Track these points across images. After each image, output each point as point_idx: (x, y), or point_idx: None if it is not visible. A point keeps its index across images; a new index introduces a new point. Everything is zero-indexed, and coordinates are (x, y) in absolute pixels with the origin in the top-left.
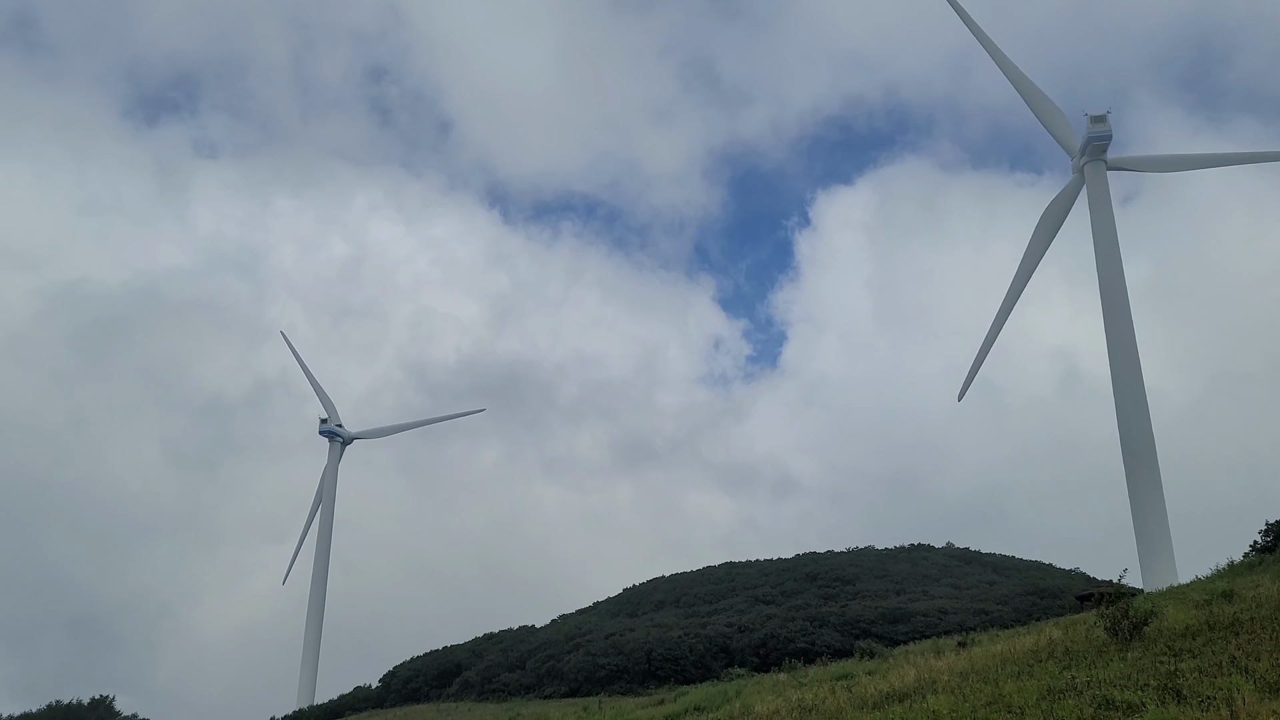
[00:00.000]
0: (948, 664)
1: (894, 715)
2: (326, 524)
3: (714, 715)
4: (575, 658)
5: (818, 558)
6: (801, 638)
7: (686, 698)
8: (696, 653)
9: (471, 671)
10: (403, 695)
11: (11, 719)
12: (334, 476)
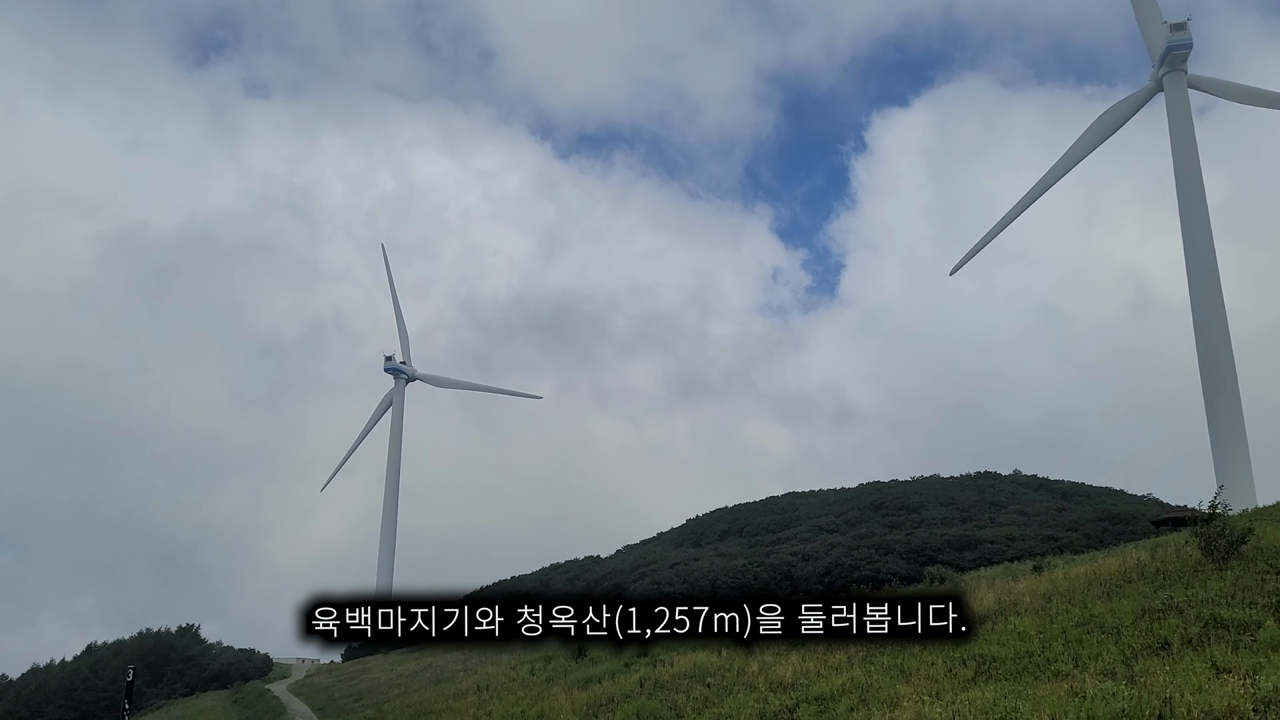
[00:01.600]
0: (1028, 586)
1: (978, 637)
2: (394, 458)
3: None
4: (641, 586)
5: (881, 486)
6: (867, 565)
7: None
8: (761, 581)
9: None
10: None
11: (106, 645)
12: (400, 412)
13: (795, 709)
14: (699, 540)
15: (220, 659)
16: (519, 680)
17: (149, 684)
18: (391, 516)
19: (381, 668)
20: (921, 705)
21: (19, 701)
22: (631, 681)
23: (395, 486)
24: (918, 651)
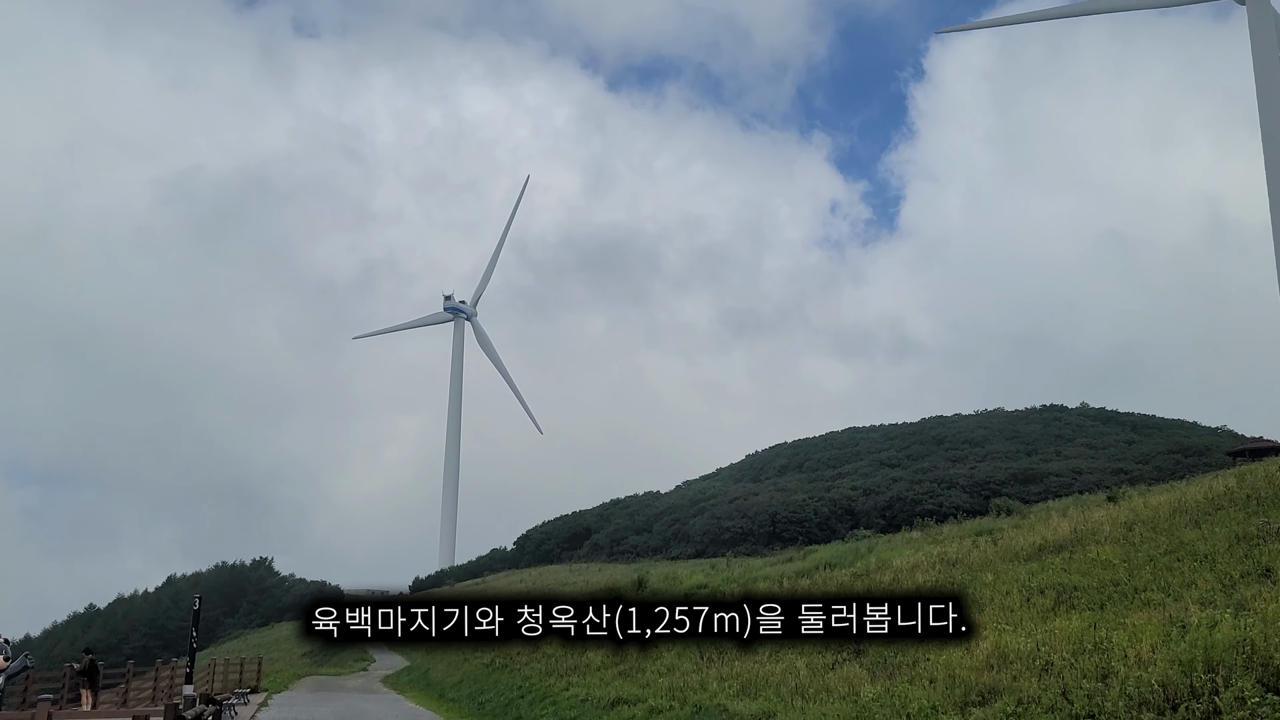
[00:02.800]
0: (1106, 515)
1: (1054, 566)
2: (455, 395)
3: (848, 570)
4: (700, 521)
5: (943, 421)
6: (929, 499)
7: (816, 555)
8: (821, 515)
9: (600, 534)
10: (536, 556)
11: (185, 577)
12: (460, 351)
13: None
14: (758, 476)
15: (293, 591)
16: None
17: (226, 614)
18: (454, 452)
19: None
20: (999, 635)
21: (107, 629)
22: None
23: (457, 423)
24: (990, 581)
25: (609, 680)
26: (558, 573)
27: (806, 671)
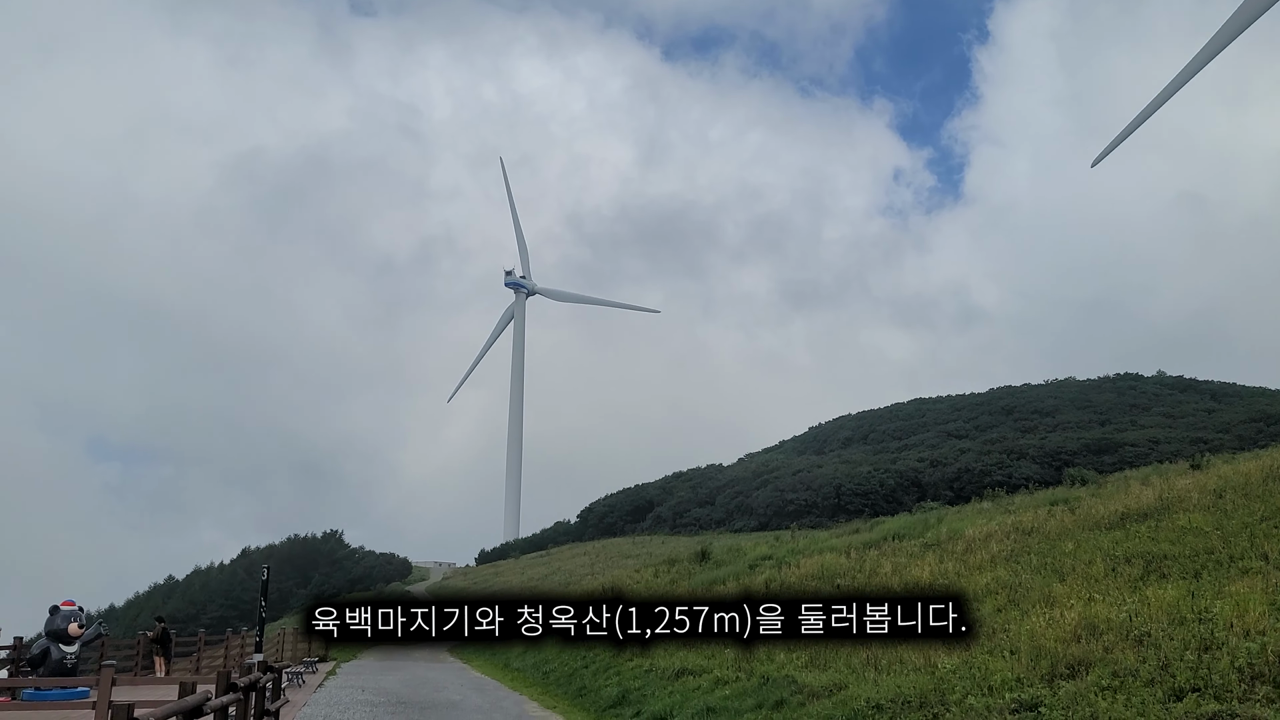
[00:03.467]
0: (1193, 482)
1: (1139, 535)
2: (517, 370)
3: (918, 541)
4: (764, 493)
5: (1013, 390)
6: (998, 471)
7: (883, 526)
8: (887, 487)
9: (663, 507)
10: (599, 529)
11: (259, 549)
12: (521, 326)
13: None
14: (822, 448)
15: (362, 563)
16: (643, 582)
17: (298, 585)
18: (517, 426)
19: (513, 571)
20: (1088, 605)
21: (185, 600)
22: (756, 583)
23: (519, 397)
24: (1070, 550)
25: (674, 650)
26: (621, 545)
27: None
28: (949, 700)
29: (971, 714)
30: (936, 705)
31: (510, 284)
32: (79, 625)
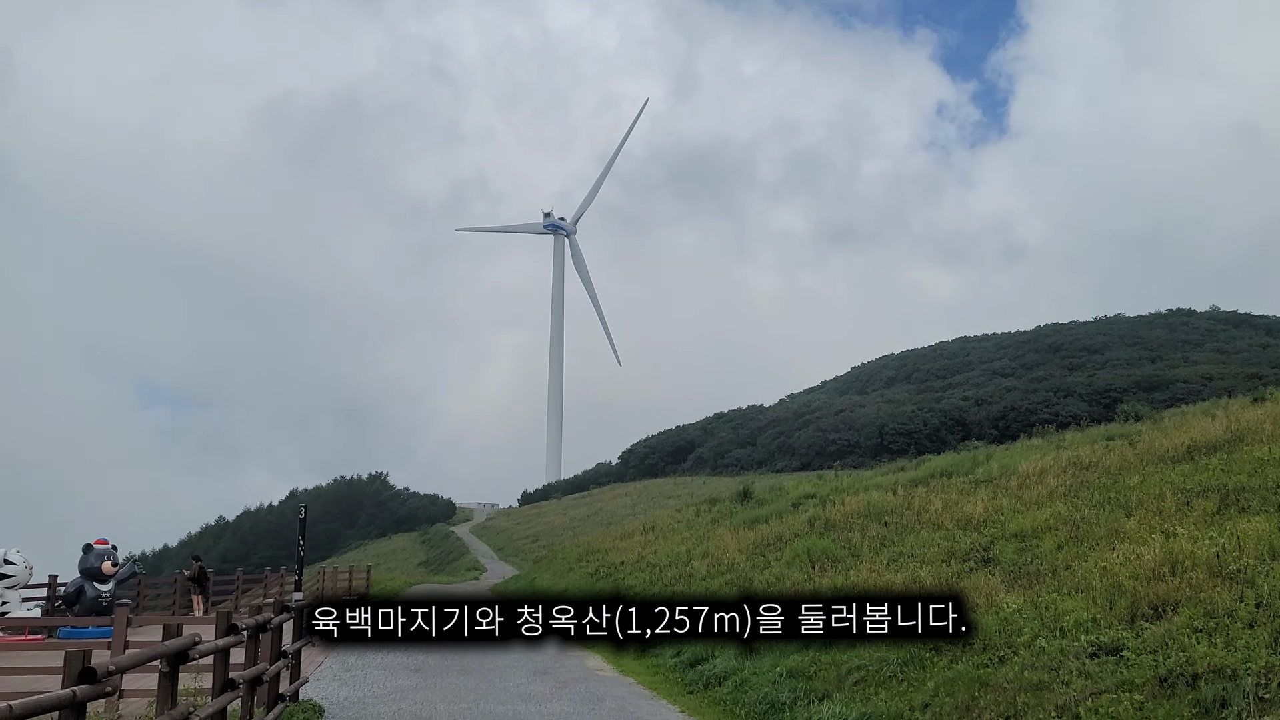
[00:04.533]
0: (1265, 412)
1: (1211, 468)
2: (557, 312)
3: (968, 478)
4: (805, 434)
5: (1059, 328)
6: (1045, 409)
7: (930, 464)
8: (931, 426)
9: (704, 448)
10: (640, 470)
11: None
12: (560, 267)
13: (990, 546)
14: (864, 388)
15: (408, 504)
16: (684, 522)
17: (345, 526)
18: (558, 368)
19: (555, 512)
20: (1168, 541)
21: (236, 540)
22: (800, 521)
23: (560, 339)
24: (1136, 484)
25: (715, 590)
26: (662, 485)
27: (933, 581)
28: (1016, 643)
29: (1043, 657)
30: (1003, 648)
31: (548, 226)
32: (112, 564)
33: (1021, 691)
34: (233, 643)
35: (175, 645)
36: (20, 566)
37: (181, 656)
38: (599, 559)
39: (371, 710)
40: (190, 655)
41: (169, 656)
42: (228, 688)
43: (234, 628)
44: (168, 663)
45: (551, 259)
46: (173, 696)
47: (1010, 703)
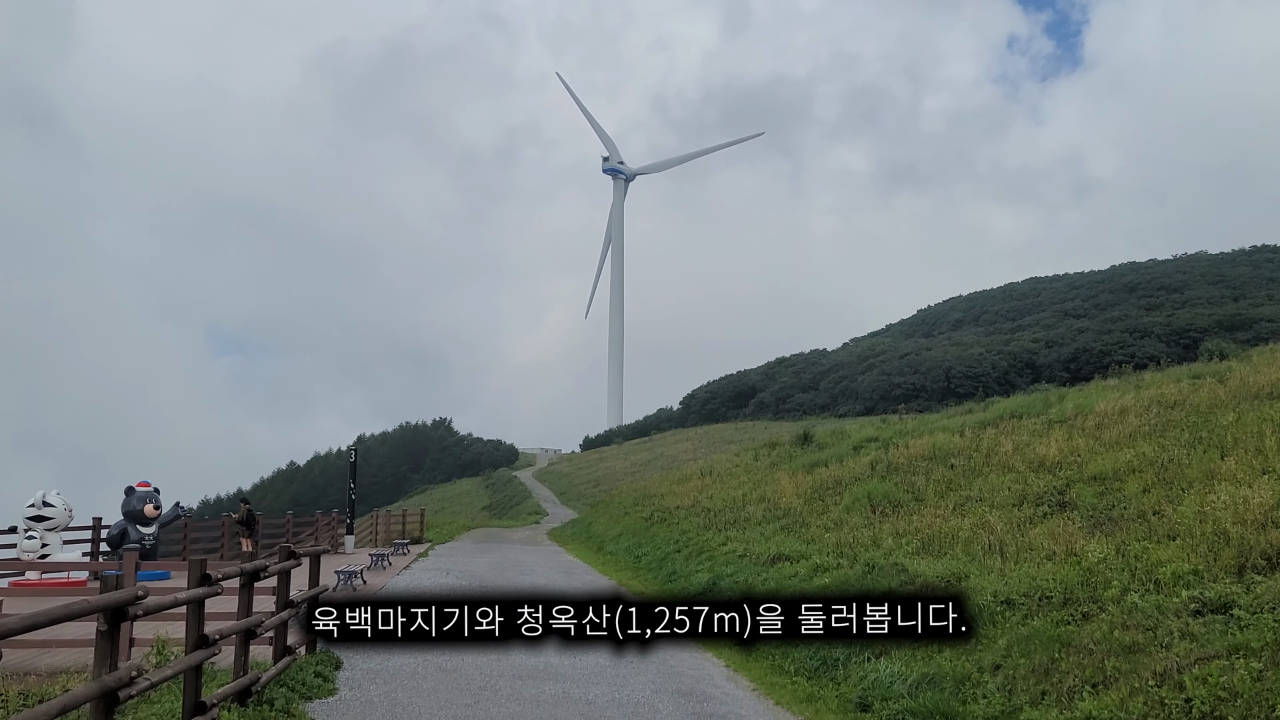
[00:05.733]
0: None
1: None
2: (618, 258)
3: (1040, 419)
4: (869, 378)
5: (1136, 267)
6: (1119, 350)
7: (999, 405)
8: (999, 369)
9: (765, 393)
10: (701, 416)
11: (373, 436)
12: (620, 212)
13: (1066, 489)
14: (930, 330)
15: (471, 449)
16: (742, 466)
17: (411, 470)
18: (618, 313)
19: (616, 457)
20: (1276, 482)
21: (307, 484)
22: (861, 465)
23: (620, 283)
24: (1230, 423)
25: (770, 535)
26: (723, 430)
27: (1003, 526)
28: (1102, 597)
29: (1136, 614)
30: (1086, 603)
31: (608, 170)
32: (154, 506)
33: (1111, 654)
34: (203, 594)
35: (110, 599)
36: (59, 509)
37: (120, 613)
38: (654, 503)
39: (394, 663)
40: (128, 612)
41: (106, 612)
42: (201, 644)
43: (206, 578)
44: (105, 619)
45: (610, 202)
46: (112, 658)
47: (1097, 667)
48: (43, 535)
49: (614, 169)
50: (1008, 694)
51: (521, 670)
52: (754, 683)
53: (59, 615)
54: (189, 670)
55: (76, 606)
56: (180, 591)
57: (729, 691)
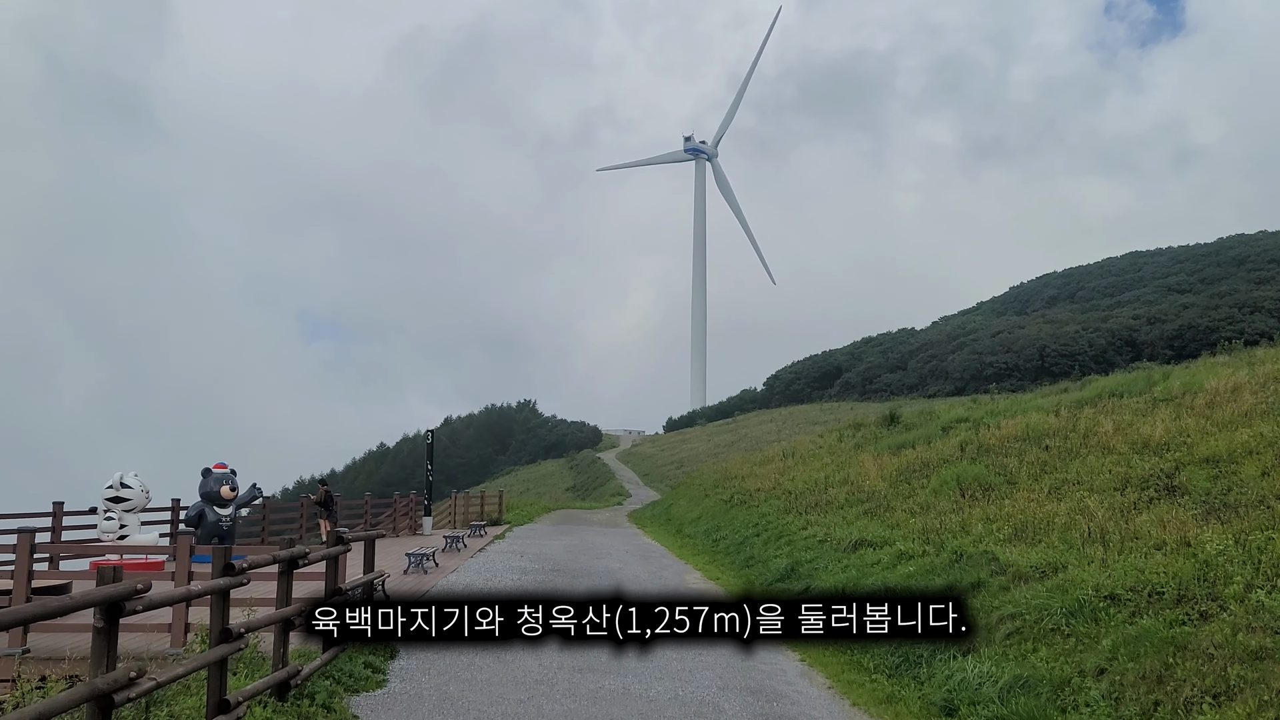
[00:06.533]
0: None
1: None
2: (700, 236)
3: (1143, 397)
4: (959, 357)
5: (1245, 239)
6: (1227, 326)
7: (1097, 384)
8: (1097, 347)
9: (851, 373)
10: (786, 397)
11: (460, 418)
12: (703, 191)
13: (1175, 473)
14: (1023, 308)
15: (556, 430)
16: (826, 447)
17: (497, 452)
18: (700, 293)
19: (699, 438)
20: None
21: (396, 465)
22: (949, 446)
23: (702, 263)
24: None
25: (852, 520)
26: (808, 411)
27: (1104, 512)
28: (1223, 594)
29: (1264, 615)
30: (1204, 600)
31: (689, 150)
32: (230, 488)
33: (1234, 661)
34: (225, 585)
35: (106, 593)
36: (136, 489)
37: (116, 608)
38: (734, 485)
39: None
40: (125, 607)
41: (102, 607)
42: (224, 639)
43: (229, 567)
44: (101, 615)
45: (693, 183)
46: (109, 658)
47: (1219, 675)
48: (121, 516)
49: (695, 149)
50: (1114, 703)
51: (583, 662)
52: (830, 680)
53: (35, 614)
54: (212, 665)
55: (66, 602)
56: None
57: (802, 690)
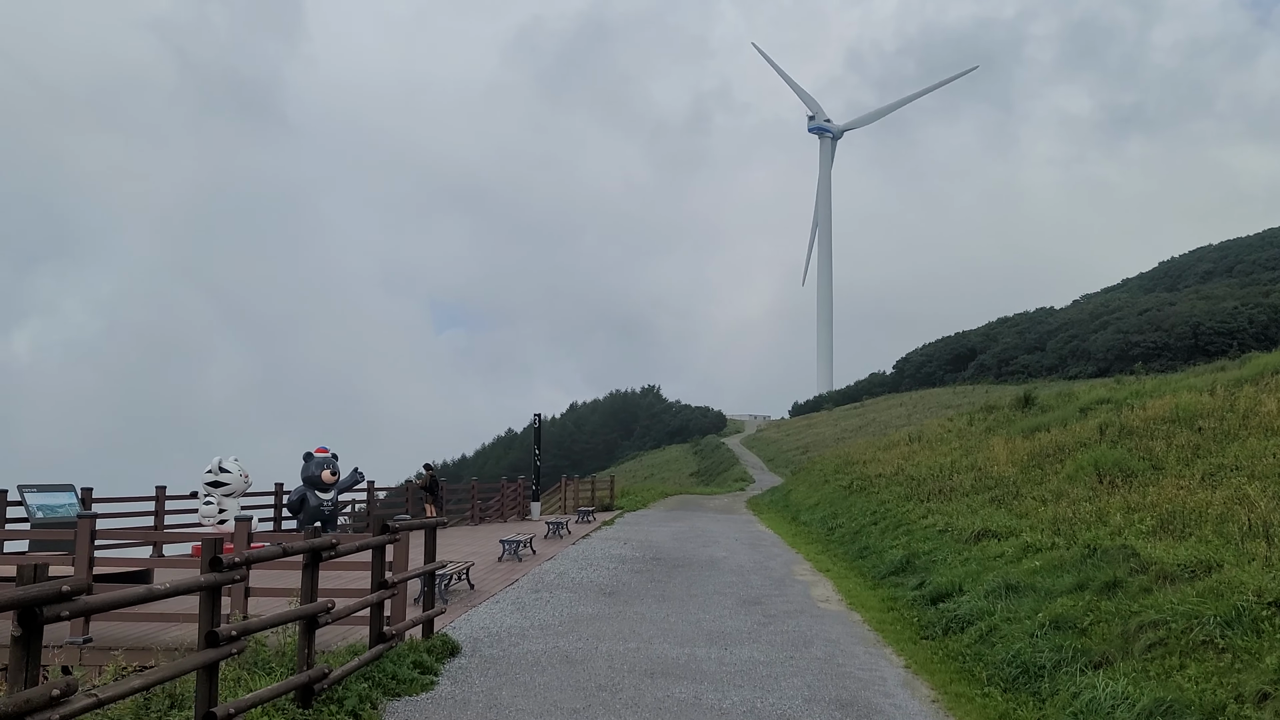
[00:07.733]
0: None
1: None
2: (825, 217)
3: None
4: (1103, 336)
5: None
6: None
7: (1258, 361)
8: (1257, 324)
9: (986, 355)
10: (916, 380)
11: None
12: (828, 171)
13: None
14: (1174, 284)
15: (680, 416)
16: (955, 431)
17: (622, 437)
18: (826, 275)
19: (825, 423)
20: None
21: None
22: (1088, 428)
23: (828, 245)
24: None
25: (977, 508)
26: (939, 395)
27: (1269, 502)
28: None
29: None
30: None
31: (814, 129)
32: (331, 472)
33: None
34: (212, 582)
35: (20, 596)
36: (235, 474)
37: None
38: (855, 471)
39: (520, 649)
40: (41, 613)
41: (18, 609)
42: (210, 643)
43: (216, 561)
44: (17, 622)
45: (817, 163)
46: (28, 669)
47: None
48: (220, 500)
49: (820, 127)
50: None
51: (657, 664)
52: (935, 691)
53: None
54: (200, 670)
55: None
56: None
57: (900, 703)
